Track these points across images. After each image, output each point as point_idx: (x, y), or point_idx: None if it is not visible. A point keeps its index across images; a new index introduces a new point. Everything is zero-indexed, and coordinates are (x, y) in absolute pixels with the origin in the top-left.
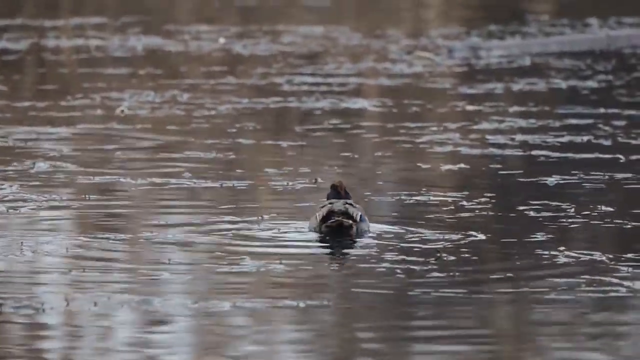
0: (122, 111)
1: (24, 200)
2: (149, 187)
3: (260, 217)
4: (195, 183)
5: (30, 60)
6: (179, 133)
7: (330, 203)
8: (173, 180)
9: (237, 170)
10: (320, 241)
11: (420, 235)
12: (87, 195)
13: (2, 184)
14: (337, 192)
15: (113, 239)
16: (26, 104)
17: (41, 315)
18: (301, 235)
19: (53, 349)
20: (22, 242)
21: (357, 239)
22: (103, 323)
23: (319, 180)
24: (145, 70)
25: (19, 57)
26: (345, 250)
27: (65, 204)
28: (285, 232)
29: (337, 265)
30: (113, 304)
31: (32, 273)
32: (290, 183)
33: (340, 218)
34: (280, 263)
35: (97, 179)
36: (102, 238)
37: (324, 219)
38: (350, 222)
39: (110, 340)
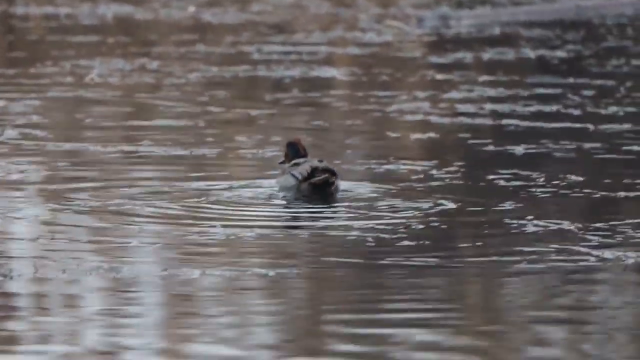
0: (92, 79)
1: None
2: (119, 154)
3: (230, 185)
4: (165, 151)
5: None
6: (148, 101)
7: (298, 163)
8: (142, 148)
9: (207, 139)
10: (291, 209)
11: (390, 204)
12: (56, 163)
13: None
14: (296, 149)
15: (82, 207)
16: None
17: (9, 283)
18: (272, 202)
19: (20, 316)
20: None
21: (327, 207)
22: (71, 290)
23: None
24: (114, 38)
25: None
26: (316, 219)
27: (35, 171)
28: (255, 200)
29: (307, 233)
30: (82, 271)
31: (1, 241)
32: (261, 151)
33: (326, 175)
34: (251, 231)
35: (67, 146)
36: (72, 206)
37: (309, 176)
38: (334, 178)
39: (79, 308)
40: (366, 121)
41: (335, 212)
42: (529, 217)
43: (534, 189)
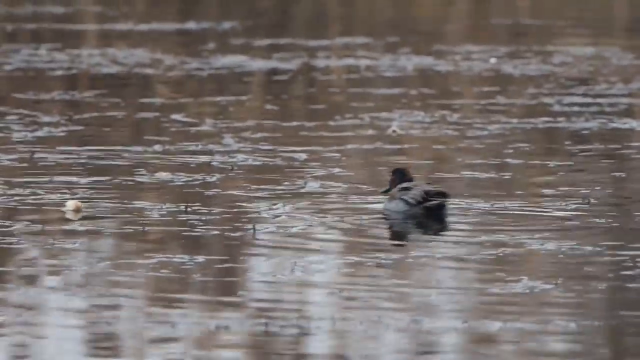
0: (394, 131)
1: (296, 219)
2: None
3: (531, 236)
4: (466, 203)
5: (301, 79)
6: (449, 153)
7: (407, 187)
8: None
9: (510, 191)
10: (588, 258)
11: None
12: (359, 216)
13: (275, 204)
14: (403, 174)
15: (384, 259)
16: (296, 123)
17: (307, 335)
18: (575, 253)
19: None
20: (294, 262)
21: (625, 257)
22: (368, 344)
23: (592, 200)
24: (415, 90)
25: (289, 77)
26: (612, 268)
27: (338, 223)
28: (557, 252)
29: (608, 284)
30: (381, 324)
31: (302, 292)
32: (563, 204)
33: (441, 199)
34: (554, 282)
35: (370, 198)
36: (372, 258)
37: (423, 200)
38: (447, 200)
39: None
40: None
41: (634, 261)
42: None
43: None
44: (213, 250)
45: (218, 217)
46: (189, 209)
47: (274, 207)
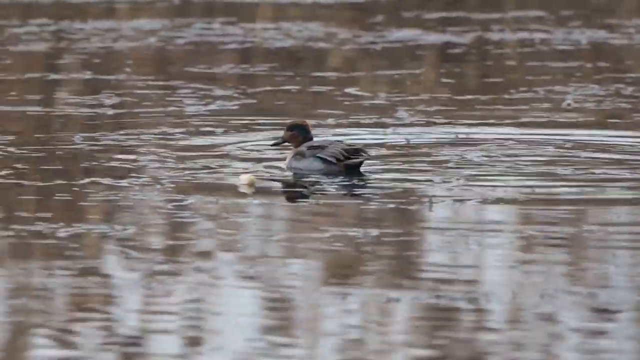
0: (569, 104)
1: (471, 193)
2: (588, 180)
3: None
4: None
5: (475, 53)
6: (624, 126)
7: (318, 145)
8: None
9: None
10: None
11: None
12: (533, 188)
13: (449, 178)
14: (307, 131)
15: (557, 233)
16: (470, 97)
17: (484, 309)
18: None
19: (495, 340)
20: (468, 236)
21: None
22: (547, 309)
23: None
24: (589, 63)
25: (463, 51)
26: None
27: (511, 196)
28: None
29: None
30: (559, 296)
31: (477, 266)
32: None
33: (365, 157)
34: None
35: (542, 168)
36: (547, 232)
37: (345, 157)
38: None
39: (553, 333)
40: None
41: None
42: None
43: None
44: (387, 224)
45: (393, 190)
46: (361, 183)
47: (448, 180)
